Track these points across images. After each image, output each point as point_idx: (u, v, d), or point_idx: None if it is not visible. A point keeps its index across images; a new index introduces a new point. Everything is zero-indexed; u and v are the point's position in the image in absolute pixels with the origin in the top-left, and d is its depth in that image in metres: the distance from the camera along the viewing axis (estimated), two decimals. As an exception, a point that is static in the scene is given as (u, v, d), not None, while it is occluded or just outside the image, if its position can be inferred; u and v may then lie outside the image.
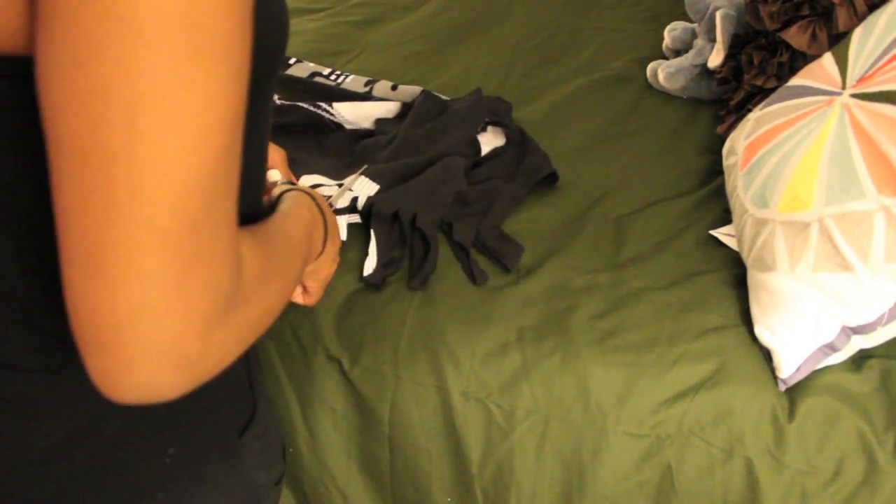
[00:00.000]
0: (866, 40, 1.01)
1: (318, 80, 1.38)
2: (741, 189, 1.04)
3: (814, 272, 0.89)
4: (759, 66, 1.28)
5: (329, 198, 1.06)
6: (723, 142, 1.22)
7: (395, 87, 1.36)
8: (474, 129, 1.24)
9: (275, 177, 0.79)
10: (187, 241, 0.38)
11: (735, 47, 1.37)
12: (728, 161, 1.12)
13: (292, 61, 1.43)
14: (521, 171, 1.19)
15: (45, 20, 0.35)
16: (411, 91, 1.34)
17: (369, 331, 0.98)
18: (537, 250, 1.07)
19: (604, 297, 1.00)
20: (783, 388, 0.92)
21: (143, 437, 0.53)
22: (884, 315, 0.89)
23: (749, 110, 1.23)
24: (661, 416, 0.91)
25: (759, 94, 1.25)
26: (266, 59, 0.45)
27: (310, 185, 1.11)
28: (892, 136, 0.87)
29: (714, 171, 1.24)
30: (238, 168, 0.41)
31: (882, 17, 1.01)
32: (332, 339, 0.98)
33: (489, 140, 1.25)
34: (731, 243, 1.07)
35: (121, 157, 0.35)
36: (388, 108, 1.31)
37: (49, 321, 0.47)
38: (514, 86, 1.47)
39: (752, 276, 0.97)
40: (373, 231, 1.06)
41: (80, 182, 0.36)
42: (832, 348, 0.92)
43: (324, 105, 1.29)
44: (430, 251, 1.03)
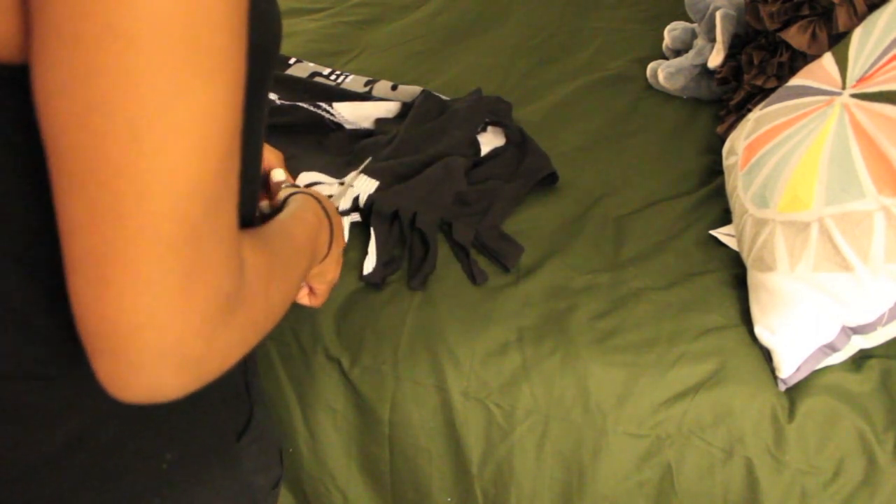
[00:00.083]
0: (866, 40, 1.01)
1: (318, 80, 1.38)
2: (741, 189, 1.04)
3: (814, 272, 0.89)
4: (759, 66, 1.28)
5: (330, 197, 1.06)
6: (723, 142, 1.22)
7: (395, 87, 1.36)
8: (474, 129, 1.24)
9: (279, 177, 0.79)
10: (190, 248, 0.38)
11: (735, 47, 1.37)
12: (728, 161, 1.12)
13: (292, 61, 1.43)
14: (521, 171, 1.19)
15: (42, 34, 0.35)
16: (411, 91, 1.34)
17: (369, 331, 0.98)
18: (537, 250, 1.07)
19: (604, 297, 1.00)
20: (783, 388, 0.92)
21: (139, 442, 0.53)
22: (884, 315, 0.89)
23: (749, 110, 1.23)
24: (661, 416, 0.91)
25: (759, 94, 1.25)
26: (260, 62, 0.45)
27: (308, 182, 1.11)
28: (892, 136, 0.87)
29: (714, 171, 1.24)
30: (237, 173, 0.41)
31: (882, 17, 1.01)
32: (332, 339, 0.98)
33: (489, 140, 1.25)
34: (731, 243, 1.07)
35: (125, 170, 0.36)
36: (388, 108, 1.31)
37: (44, 328, 0.47)
38: (514, 86, 1.47)
39: (752, 276, 0.97)
40: (372, 230, 1.06)
41: (85, 196, 0.36)
42: (832, 348, 0.92)
43: (324, 105, 1.29)
44: (430, 251, 1.03)
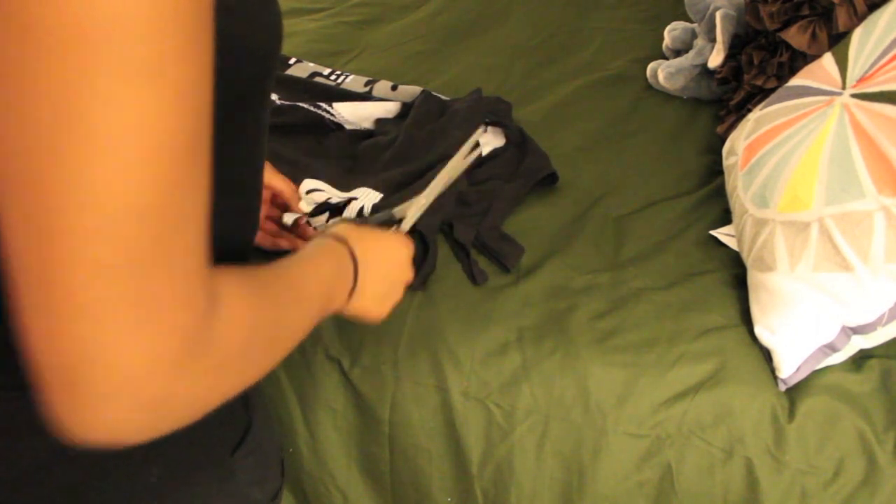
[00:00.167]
0: (866, 40, 1.01)
1: (318, 80, 1.38)
2: (741, 189, 1.04)
3: (814, 272, 0.89)
4: (759, 66, 1.28)
5: (336, 209, 1.02)
6: (723, 142, 1.22)
7: (395, 88, 1.35)
8: (474, 129, 1.24)
9: (289, 220, 0.75)
10: (136, 278, 0.35)
11: (735, 47, 1.37)
12: (728, 161, 1.12)
13: (292, 61, 1.43)
14: (521, 171, 1.18)
15: None
16: (411, 91, 1.34)
17: (369, 331, 0.98)
18: (537, 250, 1.07)
19: (604, 297, 1.00)
20: (783, 388, 0.92)
21: (124, 458, 0.50)
22: (884, 315, 0.89)
23: (749, 110, 1.23)
24: (661, 416, 0.91)
25: (759, 94, 1.25)
26: (254, 66, 0.43)
27: (309, 188, 1.11)
28: (892, 136, 0.87)
29: (714, 171, 1.24)
30: (204, 198, 0.38)
31: (882, 17, 1.01)
32: (332, 339, 0.98)
33: (489, 140, 1.25)
34: (731, 243, 1.07)
35: (47, 184, 0.33)
36: (387, 109, 1.31)
37: (9, 343, 0.46)
38: (514, 86, 1.47)
39: (752, 276, 0.97)
40: None
41: (17, 211, 0.34)
42: (832, 348, 0.92)
43: (324, 105, 1.29)
44: (430, 251, 1.03)
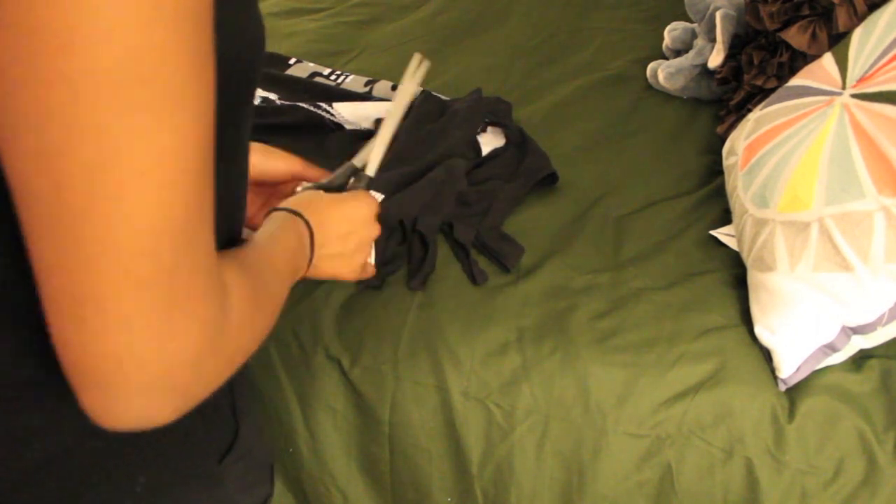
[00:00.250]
0: (866, 40, 1.01)
1: (318, 80, 1.38)
2: (741, 189, 1.04)
3: (814, 272, 0.89)
4: (759, 66, 1.28)
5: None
6: (723, 142, 1.22)
7: (395, 88, 1.35)
8: (474, 129, 1.24)
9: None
10: (166, 284, 0.38)
11: (735, 47, 1.37)
12: (728, 161, 1.12)
13: (292, 61, 1.43)
14: (521, 171, 1.18)
15: None
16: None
17: (369, 331, 0.98)
18: (537, 250, 1.07)
19: (604, 297, 1.00)
20: (783, 388, 0.92)
21: (111, 466, 0.53)
22: (884, 315, 0.89)
23: (749, 110, 1.23)
24: (661, 416, 0.91)
25: (759, 94, 1.25)
26: (236, 81, 0.45)
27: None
28: (892, 136, 0.87)
29: (714, 171, 1.24)
30: (211, 203, 0.41)
31: (882, 17, 1.01)
32: (332, 339, 0.98)
33: (489, 140, 1.25)
34: (731, 243, 1.07)
35: (86, 215, 0.36)
36: (387, 109, 1.31)
37: (8, 349, 0.47)
38: (514, 86, 1.47)
39: (752, 276, 0.97)
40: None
41: (52, 239, 0.36)
42: (832, 348, 0.92)
43: (324, 105, 1.29)
44: (430, 251, 1.03)
